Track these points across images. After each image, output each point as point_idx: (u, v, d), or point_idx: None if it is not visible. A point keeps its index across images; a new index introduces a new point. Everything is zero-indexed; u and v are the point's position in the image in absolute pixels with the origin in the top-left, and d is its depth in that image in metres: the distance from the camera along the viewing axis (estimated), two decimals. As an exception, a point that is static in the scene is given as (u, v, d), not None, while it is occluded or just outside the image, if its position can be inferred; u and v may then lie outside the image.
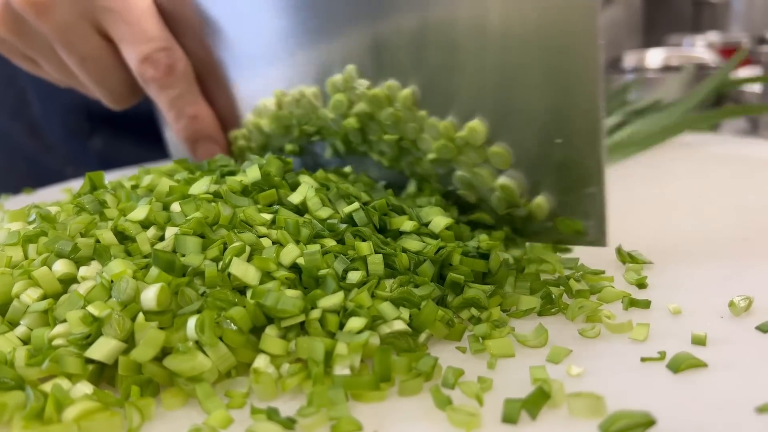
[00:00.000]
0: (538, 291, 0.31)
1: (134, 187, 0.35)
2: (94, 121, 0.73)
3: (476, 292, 0.30)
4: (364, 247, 0.29)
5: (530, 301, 0.30)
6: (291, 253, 0.28)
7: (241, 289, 0.27)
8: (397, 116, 0.37)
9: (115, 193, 0.33)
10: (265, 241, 0.29)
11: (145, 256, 0.29)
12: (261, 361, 0.25)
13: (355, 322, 0.26)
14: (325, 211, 0.32)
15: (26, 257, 0.30)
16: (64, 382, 0.24)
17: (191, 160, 0.48)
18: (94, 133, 0.74)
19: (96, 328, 0.25)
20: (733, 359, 0.25)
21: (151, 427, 0.23)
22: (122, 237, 0.30)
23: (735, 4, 1.49)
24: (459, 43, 0.34)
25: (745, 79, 0.83)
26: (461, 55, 0.34)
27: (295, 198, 0.32)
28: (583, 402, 0.22)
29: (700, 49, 1.29)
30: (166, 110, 0.47)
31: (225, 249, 0.28)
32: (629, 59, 1.19)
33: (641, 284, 0.32)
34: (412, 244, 0.31)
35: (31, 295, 0.27)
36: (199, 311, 0.25)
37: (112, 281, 0.26)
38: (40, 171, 0.76)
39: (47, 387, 0.24)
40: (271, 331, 0.26)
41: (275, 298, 0.25)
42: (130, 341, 0.25)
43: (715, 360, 0.25)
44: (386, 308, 0.27)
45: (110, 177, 0.42)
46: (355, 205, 0.32)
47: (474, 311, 0.30)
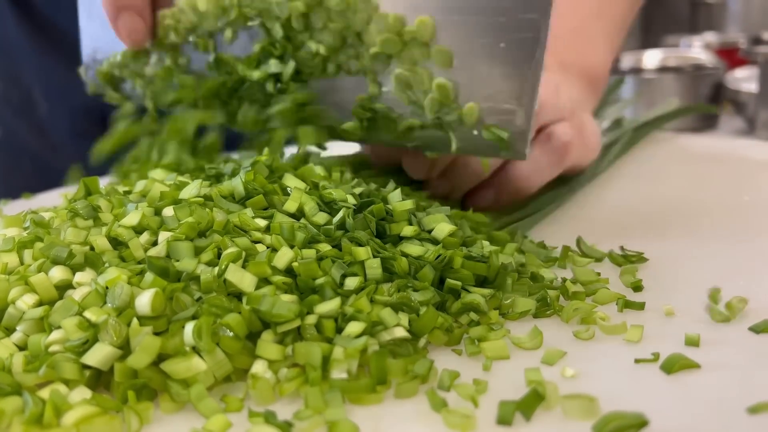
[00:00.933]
0: (535, 293, 0.32)
1: (127, 193, 0.35)
2: (106, 123, 0.73)
3: (475, 297, 0.30)
4: (362, 252, 0.30)
5: (526, 303, 0.30)
6: (285, 257, 0.28)
7: (237, 294, 0.27)
8: (347, 3, 0.37)
9: (109, 198, 0.34)
10: (260, 247, 0.29)
11: (139, 262, 0.29)
12: (258, 367, 0.25)
13: (353, 327, 0.26)
14: (321, 217, 0.32)
15: (22, 263, 0.30)
16: (62, 388, 0.24)
17: (110, 41, 0.46)
18: (103, 136, 0.74)
19: (92, 334, 0.25)
20: (726, 360, 0.25)
21: (150, 431, 0.24)
22: (116, 243, 0.30)
23: (731, 4, 1.49)
24: None
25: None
26: None
27: (291, 206, 0.32)
28: (577, 403, 0.23)
29: (697, 49, 1.29)
30: None
31: (219, 254, 0.29)
32: (626, 60, 1.19)
33: (637, 287, 0.32)
34: (413, 248, 0.32)
35: (26, 302, 0.27)
36: (194, 317, 0.25)
37: (107, 287, 0.26)
38: (45, 171, 0.76)
39: (44, 393, 0.24)
40: (267, 337, 0.26)
41: (271, 304, 0.26)
42: (125, 347, 0.25)
43: (709, 361, 0.25)
44: (386, 315, 0.27)
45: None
46: (342, 214, 0.32)
47: (473, 315, 0.30)
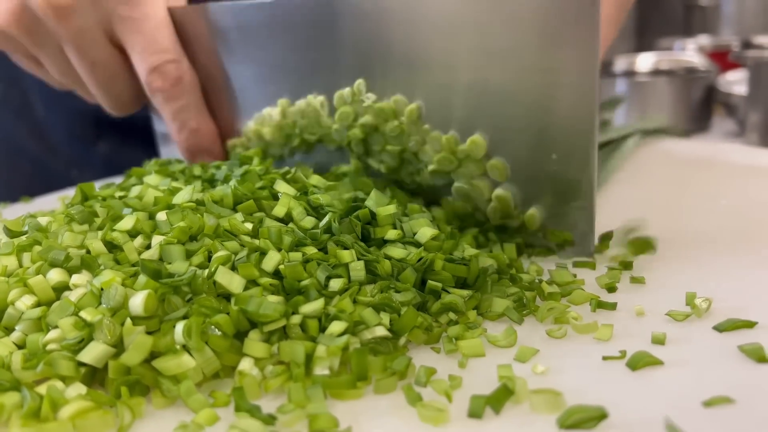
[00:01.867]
0: (513, 294, 0.33)
1: (122, 197, 0.37)
2: (101, 127, 0.75)
3: (454, 297, 0.31)
4: (346, 255, 0.31)
5: (503, 304, 0.32)
6: (272, 260, 0.30)
7: (226, 295, 0.29)
8: (402, 129, 0.39)
9: (105, 203, 0.35)
10: (249, 249, 0.31)
11: (133, 264, 0.30)
12: (245, 364, 0.27)
13: (336, 326, 0.28)
14: (309, 221, 0.33)
15: (21, 266, 0.31)
16: (58, 384, 0.25)
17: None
18: (101, 139, 0.76)
19: (88, 333, 0.26)
20: (689, 357, 0.27)
21: (142, 425, 0.25)
22: (111, 246, 0.32)
23: (725, 7, 1.50)
24: (460, 63, 0.36)
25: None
26: (463, 74, 0.37)
27: (279, 211, 0.34)
28: (543, 398, 0.24)
29: (690, 53, 1.31)
30: (170, 121, 0.48)
31: (210, 256, 0.30)
32: (620, 63, 1.21)
33: (611, 287, 0.34)
34: (396, 251, 0.33)
35: (25, 302, 0.29)
36: (185, 317, 0.27)
37: (102, 289, 0.28)
38: (45, 173, 0.77)
39: (42, 389, 0.25)
40: (254, 336, 0.27)
41: (257, 304, 0.27)
42: (119, 345, 0.26)
43: (672, 358, 0.27)
44: (368, 314, 0.29)
45: (115, 181, 0.44)
46: (329, 218, 0.33)
47: (452, 315, 0.31)
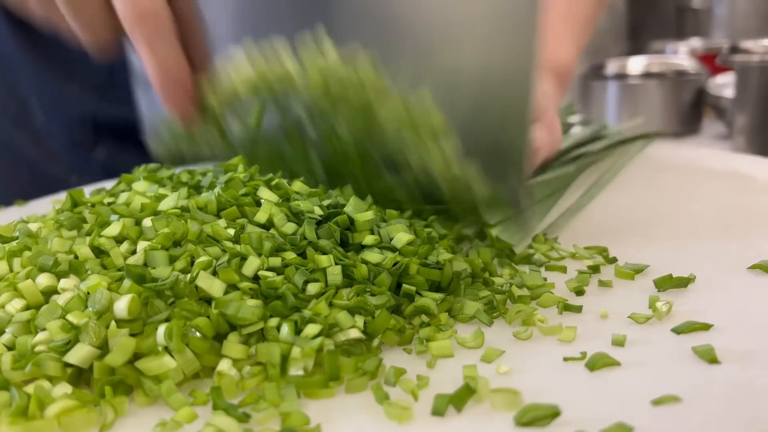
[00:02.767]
0: (484, 297, 0.34)
1: (110, 204, 0.38)
2: (98, 132, 0.76)
3: (427, 300, 0.33)
4: (324, 260, 0.33)
5: (474, 306, 0.33)
6: (252, 265, 0.31)
7: (208, 299, 0.30)
8: (367, 99, 0.41)
9: (93, 209, 0.36)
10: (230, 254, 0.32)
11: (119, 269, 0.32)
12: (224, 365, 0.28)
13: (311, 329, 0.29)
14: (289, 227, 0.35)
15: (11, 270, 0.33)
16: (45, 384, 0.27)
17: (163, 114, 0.50)
18: (98, 144, 0.77)
19: (74, 335, 0.27)
20: (645, 358, 0.28)
21: (124, 423, 0.26)
22: (98, 251, 0.33)
23: (717, 10, 1.52)
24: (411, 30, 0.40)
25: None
26: (415, 41, 0.40)
27: (261, 217, 0.35)
28: (503, 397, 0.25)
29: (681, 56, 1.32)
30: (149, 67, 0.48)
31: (193, 261, 0.31)
32: (611, 66, 1.22)
33: (579, 291, 0.35)
34: (372, 256, 0.34)
35: (15, 306, 0.30)
36: (167, 320, 0.28)
37: (89, 293, 0.29)
38: (44, 179, 0.78)
39: (30, 389, 0.26)
40: (233, 338, 0.29)
41: (236, 308, 0.28)
42: (104, 347, 0.28)
43: (630, 359, 0.28)
44: (342, 317, 0.30)
45: (107, 186, 0.45)
46: (305, 225, 0.35)
47: (424, 318, 0.33)
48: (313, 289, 0.31)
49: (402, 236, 0.35)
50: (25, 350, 0.28)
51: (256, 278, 0.32)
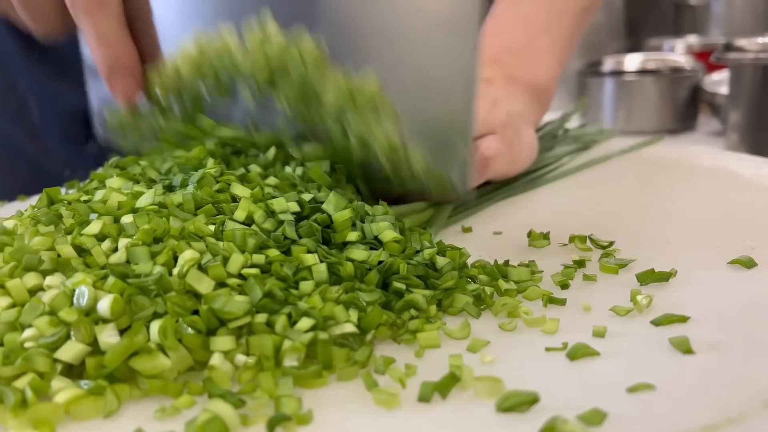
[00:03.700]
0: (473, 290, 0.36)
1: (86, 201, 0.38)
2: (90, 127, 0.77)
3: (416, 296, 0.34)
4: (309, 258, 0.34)
5: (462, 299, 0.35)
6: (236, 263, 0.32)
7: (193, 292, 0.31)
8: (308, 72, 0.42)
9: (70, 206, 0.37)
10: (213, 252, 0.33)
11: (103, 267, 0.32)
12: (216, 359, 0.29)
13: (304, 323, 0.30)
14: (270, 223, 0.36)
15: None
16: (36, 378, 0.28)
17: (111, 103, 0.51)
18: (90, 139, 0.78)
19: (65, 332, 0.28)
20: (624, 349, 0.30)
21: (125, 409, 0.28)
22: (80, 250, 0.33)
23: (714, 6, 1.52)
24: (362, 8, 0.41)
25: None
26: (359, 18, 0.41)
27: (240, 215, 0.36)
28: (486, 384, 0.27)
29: (677, 53, 1.33)
30: (90, 36, 0.48)
31: (175, 257, 0.32)
32: (608, 63, 1.23)
33: (564, 284, 0.36)
34: (357, 253, 0.35)
35: (0, 303, 0.31)
36: (155, 314, 0.29)
37: (74, 290, 0.30)
38: (40, 174, 0.80)
39: (19, 383, 0.27)
40: (222, 332, 0.30)
41: (223, 303, 0.30)
42: (94, 343, 0.29)
43: (609, 350, 0.29)
44: (339, 311, 0.31)
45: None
46: (289, 226, 0.36)
47: (413, 312, 0.34)
48: (305, 286, 0.32)
49: (388, 233, 0.36)
50: (14, 346, 0.29)
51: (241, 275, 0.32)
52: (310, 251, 0.34)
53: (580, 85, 1.24)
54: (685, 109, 1.18)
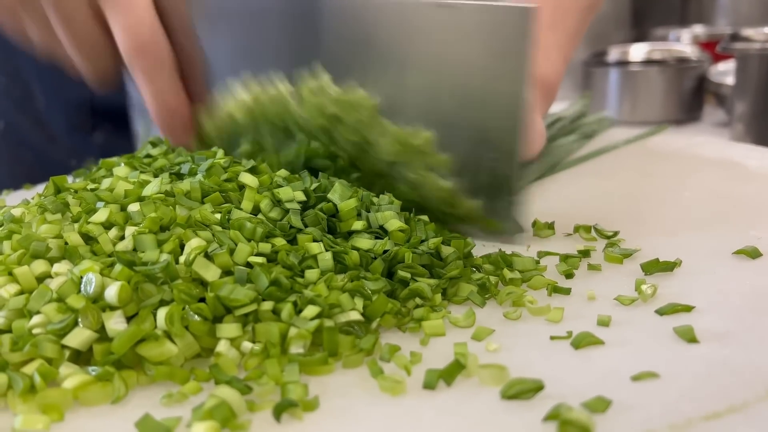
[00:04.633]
0: (478, 280, 0.36)
1: (93, 190, 0.38)
2: (96, 116, 0.78)
3: (421, 284, 0.34)
4: (315, 247, 0.34)
5: (467, 288, 0.35)
6: (243, 252, 0.32)
7: (199, 280, 0.31)
8: (362, 122, 0.42)
9: (77, 195, 0.37)
10: (220, 241, 0.33)
11: (110, 255, 0.32)
12: (223, 346, 0.29)
13: (309, 311, 0.30)
14: (276, 212, 0.36)
15: (1, 254, 0.33)
16: (45, 364, 0.28)
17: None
18: (96, 128, 0.79)
19: (73, 319, 0.29)
20: (628, 337, 0.30)
21: (133, 395, 0.28)
22: (87, 238, 0.34)
23: (721, -4, 1.51)
24: (415, 66, 0.40)
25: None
26: (415, 77, 0.40)
27: (246, 206, 0.36)
28: (490, 372, 0.27)
29: (683, 43, 1.32)
30: (148, 98, 0.49)
31: (181, 245, 0.32)
32: (613, 53, 1.22)
33: (569, 274, 0.37)
34: (363, 242, 0.36)
35: (9, 290, 0.31)
36: (161, 302, 0.29)
37: (82, 277, 0.30)
38: (46, 163, 0.80)
39: (27, 369, 0.28)
40: (228, 319, 0.30)
41: (229, 290, 0.30)
42: (101, 330, 0.29)
43: (614, 338, 0.30)
44: (344, 299, 0.31)
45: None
46: (295, 215, 0.36)
47: (418, 300, 0.34)
48: (311, 275, 0.33)
49: (393, 223, 0.37)
50: (22, 332, 0.29)
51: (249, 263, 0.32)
52: (315, 240, 0.35)
53: (585, 75, 1.24)
54: (691, 99, 1.17)
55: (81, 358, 0.29)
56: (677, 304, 0.32)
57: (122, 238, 0.34)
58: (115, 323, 0.29)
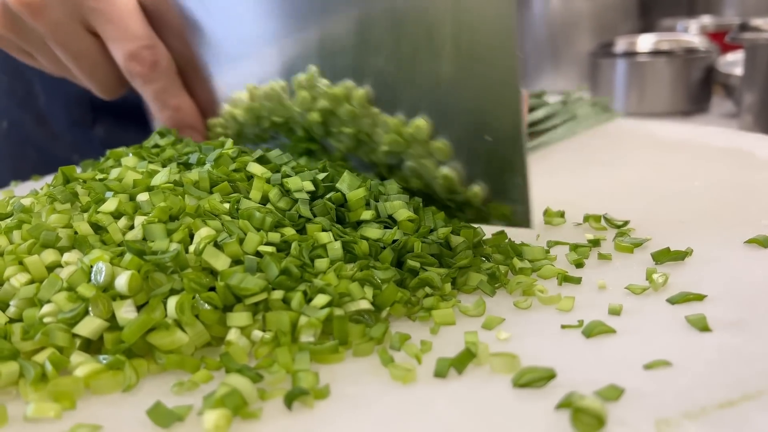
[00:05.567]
0: (488, 269, 0.36)
1: (102, 180, 0.38)
2: (96, 111, 0.78)
3: (431, 274, 0.34)
4: (324, 237, 0.34)
5: (477, 278, 0.35)
6: (252, 242, 0.32)
7: (210, 270, 0.31)
8: (354, 113, 0.42)
9: (86, 185, 0.37)
10: (230, 230, 0.33)
11: (119, 245, 0.32)
12: (233, 334, 0.29)
13: (320, 299, 0.30)
14: (285, 202, 0.36)
15: (11, 243, 0.33)
16: (56, 353, 0.28)
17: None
18: (97, 123, 0.79)
19: (83, 308, 0.29)
20: (640, 326, 0.29)
21: (144, 384, 0.28)
22: (97, 227, 0.34)
23: (729, -14, 1.50)
24: (402, 51, 0.39)
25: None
26: (405, 63, 0.39)
27: (255, 195, 0.36)
28: (502, 360, 0.27)
29: (691, 33, 1.31)
30: (151, 102, 0.51)
31: (191, 235, 0.32)
32: (620, 44, 1.22)
33: (579, 263, 0.36)
34: (372, 232, 0.35)
35: (20, 280, 0.31)
36: (171, 291, 0.29)
37: (92, 266, 0.30)
38: (49, 158, 0.80)
39: (38, 358, 0.28)
40: (238, 308, 0.30)
41: (239, 279, 0.30)
42: (111, 319, 0.29)
43: (625, 327, 0.29)
44: (354, 288, 0.31)
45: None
46: (304, 204, 0.36)
47: (428, 290, 0.34)
48: (322, 265, 0.33)
49: (402, 212, 0.36)
50: (33, 321, 0.29)
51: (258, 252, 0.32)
52: (324, 230, 0.35)
53: (591, 66, 1.23)
54: (699, 90, 1.17)
55: (92, 346, 0.29)
56: (689, 293, 0.31)
57: (131, 227, 0.34)
58: (126, 312, 0.29)
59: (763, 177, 0.48)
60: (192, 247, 0.31)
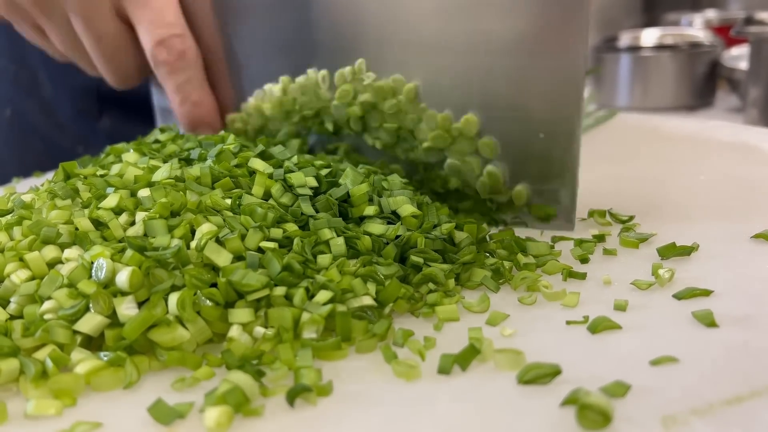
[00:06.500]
0: (492, 264, 0.35)
1: (102, 176, 0.38)
2: (102, 102, 0.77)
3: (434, 269, 0.34)
4: (327, 233, 0.33)
5: (481, 273, 0.34)
6: (254, 237, 0.32)
7: (210, 265, 0.31)
8: (400, 107, 0.41)
9: (87, 180, 0.37)
10: (232, 227, 0.33)
11: (120, 240, 0.32)
12: (234, 331, 0.29)
13: (322, 295, 0.30)
14: (288, 198, 0.36)
15: (11, 239, 0.33)
16: (56, 349, 0.28)
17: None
18: (103, 114, 0.78)
19: (84, 305, 0.28)
20: (646, 322, 0.29)
21: (145, 380, 0.28)
22: (98, 223, 0.33)
23: (734, -20, 1.49)
24: (455, 46, 0.39)
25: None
26: (457, 57, 0.39)
27: (257, 191, 0.36)
28: (506, 356, 0.26)
29: (695, 28, 1.30)
30: (172, 94, 0.50)
31: (192, 231, 0.32)
32: (625, 38, 1.21)
33: (584, 259, 0.36)
34: (375, 227, 0.35)
35: (20, 276, 0.31)
36: (173, 287, 0.29)
37: (92, 262, 0.30)
38: (54, 150, 0.80)
39: (39, 355, 0.27)
40: (240, 305, 0.30)
41: (241, 275, 0.29)
42: (112, 316, 0.29)
43: (631, 323, 0.29)
44: (357, 284, 0.31)
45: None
46: (305, 202, 0.36)
47: (431, 285, 0.34)
48: (323, 260, 0.32)
49: (406, 208, 0.36)
50: (34, 318, 0.29)
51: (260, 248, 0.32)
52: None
53: (596, 61, 1.22)
54: (704, 84, 1.16)
55: (93, 343, 0.29)
56: (695, 289, 0.31)
57: (132, 223, 0.33)
58: (127, 308, 0.29)
59: (770, 171, 0.48)
60: (193, 243, 0.31)
